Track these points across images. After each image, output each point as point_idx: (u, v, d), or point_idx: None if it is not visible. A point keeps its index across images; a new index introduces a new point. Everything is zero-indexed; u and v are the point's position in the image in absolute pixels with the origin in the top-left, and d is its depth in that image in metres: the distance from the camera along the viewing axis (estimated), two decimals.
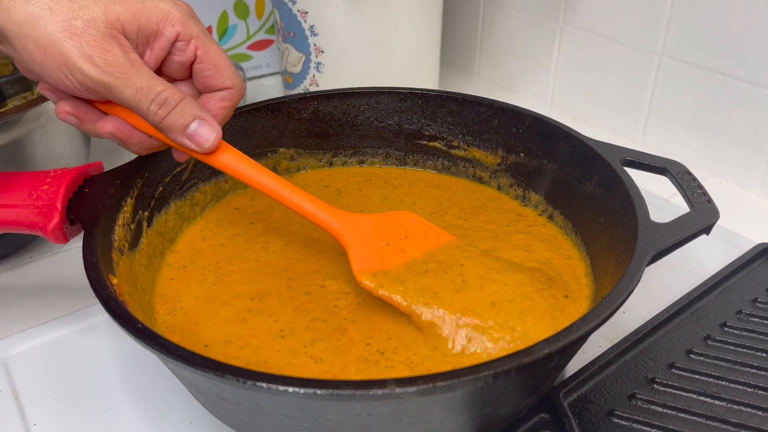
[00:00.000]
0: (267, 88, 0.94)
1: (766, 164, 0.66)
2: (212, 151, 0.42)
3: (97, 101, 0.41)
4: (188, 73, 0.42)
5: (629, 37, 0.74)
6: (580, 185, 0.48)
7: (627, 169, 0.46)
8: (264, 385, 0.30)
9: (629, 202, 0.42)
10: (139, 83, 0.38)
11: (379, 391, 0.29)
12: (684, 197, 0.42)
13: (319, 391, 0.29)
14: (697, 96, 0.70)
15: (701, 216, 0.40)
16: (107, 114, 0.41)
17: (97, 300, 0.35)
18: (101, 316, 0.51)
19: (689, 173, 0.44)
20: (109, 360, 0.48)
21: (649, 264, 0.37)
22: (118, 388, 0.46)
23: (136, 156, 0.47)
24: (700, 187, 0.43)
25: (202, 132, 0.40)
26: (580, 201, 0.48)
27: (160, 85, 0.39)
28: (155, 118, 0.39)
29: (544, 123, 0.52)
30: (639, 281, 0.36)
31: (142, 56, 0.40)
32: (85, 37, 0.37)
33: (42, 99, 0.53)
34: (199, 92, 0.43)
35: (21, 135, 0.53)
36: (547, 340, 0.32)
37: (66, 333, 0.50)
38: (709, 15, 0.65)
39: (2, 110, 0.52)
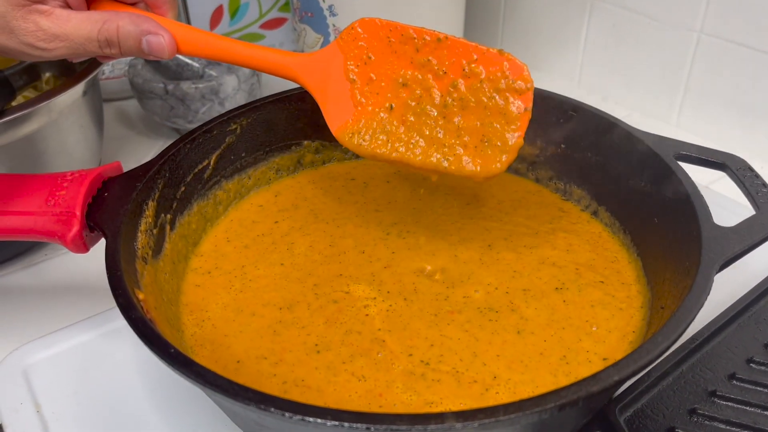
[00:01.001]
0: None
1: None
2: (173, 52, 0.42)
3: None
4: None
5: (665, 13, 0.70)
6: (628, 181, 0.45)
7: (681, 163, 0.43)
8: (311, 419, 0.28)
9: (688, 202, 0.39)
10: (78, 39, 0.40)
11: (437, 426, 0.27)
12: (747, 196, 0.40)
13: (372, 428, 0.27)
14: (738, 76, 0.66)
15: None
16: None
17: None
18: (123, 320, 0.49)
19: (751, 169, 0.41)
20: (133, 368, 0.46)
21: (716, 273, 0.34)
22: (143, 400, 0.44)
23: (154, 155, 0.45)
24: (765, 185, 0.40)
25: (154, 45, 0.42)
26: (628, 198, 0.45)
27: (93, 29, 0.40)
28: (115, 55, 0.41)
29: (588, 113, 0.48)
30: (708, 294, 0.33)
31: (67, 2, 0.40)
32: (14, 30, 0.39)
33: (52, 93, 0.51)
34: None
35: (33, 130, 0.51)
36: (616, 366, 0.29)
37: (87, 338, 0.48)
38: None
39: (14, 105, 0.49)
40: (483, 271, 0.45)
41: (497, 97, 0.40)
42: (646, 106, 0.76)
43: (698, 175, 0.56)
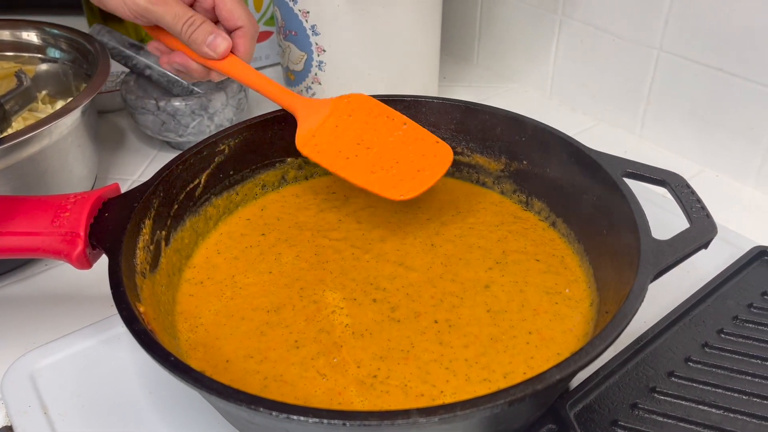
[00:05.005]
0: None
1: (761, 158, 0.68)
2: (224, 56, 0.55)
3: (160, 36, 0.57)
4: (214, 15, 0.57)
5: (628, 32, 0.75)
6: (582, 196, 0.50)
7: (627, 180, 0.47)
8: (295, 417, 0.32)
9: (631, 218, 0.43)
10: (175, 11, 0.54)
11: (403, 421, 0.31)
12: (683, 212, 0.44)
13: (348, 423, 0.31)
14: (694, 91, 0.71)
15: (700, 232, 0.42)
16: (173, 51, 0.57)
17: (116, 311, 0.38)
18: (121, 328, 0.53)
19: (688, 186, 0.46)
20: (132, 371, 0.50)
21: (650, 282, 0.39)
22: (142, 400, 0.48)
23: (146, 166, 0.49)
24: (699, 201, 0.44)
25: (217, 42, 0.55)
26: (582, 211, 0.50)
27: (189, 11, 0.54)
28: (185, 35, 0.54)
29: (546, 132, 0.53)
30: (643, 301, 0.38)
31: None
32: None
33: (55, 116, 0.54)
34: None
35: (36, 151, 0.54)
36: (558, 367, 0.34)
37: (89, 345, 0.51)
38: (707, 12, 0.66)
39: (19, 129, 0.53)
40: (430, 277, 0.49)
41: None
42: (612, 116, 0.80)
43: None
